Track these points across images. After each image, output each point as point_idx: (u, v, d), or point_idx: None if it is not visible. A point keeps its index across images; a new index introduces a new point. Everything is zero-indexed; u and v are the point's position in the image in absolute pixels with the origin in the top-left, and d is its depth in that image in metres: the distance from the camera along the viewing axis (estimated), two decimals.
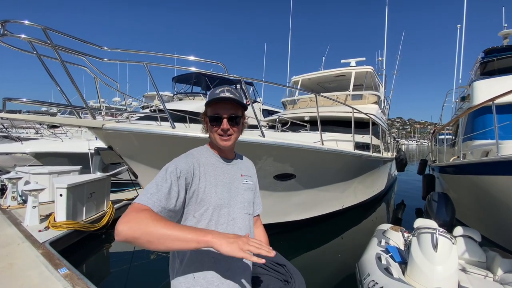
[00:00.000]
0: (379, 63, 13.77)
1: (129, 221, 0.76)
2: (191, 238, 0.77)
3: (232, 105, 1.05)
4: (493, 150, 3.72)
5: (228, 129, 1.03)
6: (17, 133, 11.33)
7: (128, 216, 0.77)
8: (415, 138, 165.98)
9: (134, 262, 4.00)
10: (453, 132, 7.68)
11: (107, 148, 3.30)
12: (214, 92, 1.05)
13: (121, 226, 0.75)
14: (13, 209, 5.05)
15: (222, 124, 1.03)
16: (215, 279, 0.95)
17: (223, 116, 1.03)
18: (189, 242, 0.77)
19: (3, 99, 2.27)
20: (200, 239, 0.78)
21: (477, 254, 2.98)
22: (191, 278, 0.95)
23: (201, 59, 3.56)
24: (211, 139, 1.10)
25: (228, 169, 1.10)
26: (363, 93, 7.90)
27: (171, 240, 0.76)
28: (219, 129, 1.04)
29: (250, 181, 1.17)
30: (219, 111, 1.03)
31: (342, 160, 4.77)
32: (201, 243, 0.78)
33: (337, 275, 3.70)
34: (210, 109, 1.05)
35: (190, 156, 1.04)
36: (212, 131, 1.05)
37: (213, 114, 1.04)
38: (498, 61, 6.80)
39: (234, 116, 1.05)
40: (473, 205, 4.57)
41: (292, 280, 1.10)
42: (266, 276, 1.10)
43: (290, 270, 1.14)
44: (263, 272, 1.11)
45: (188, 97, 10.88)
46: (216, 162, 1.08)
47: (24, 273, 2.78)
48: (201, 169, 1.01)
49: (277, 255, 1.17)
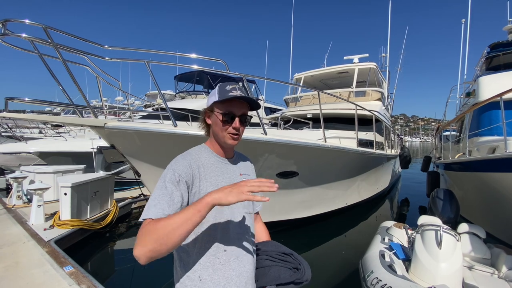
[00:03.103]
0: (382, 59, 13.65)
1: (139, 243, 0.76)
2: (192, 213, 0.77)
3: (244, 104, 1.02)
4: (501, 147, 3.66)
5: (239, 128, 1.01)
6: (21, 133, 11.44)
7: (137, 240, 0.78)
8: (419, 135, 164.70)
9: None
10: (457, 128, 7.59)
11: (109, 147, 3.32)
12: (225, 88, 1.00)
13: (136, 252, 0.76)
14: (18, 208, 5.11)
15: (234, 123, 1.00)
16: (222, 279, 0.95)
17: (236, 115, 1.00)
18: (192, 217, 0.76)
19: (5, 99, 2.28)
20: (200, 207, 0.77)
21: (482, 251, 2.95)
22: (197, 280, 0.94)
23: (202, 57, 3.55)
24: (216, 137, 1.06)
25: (228, 169, 1.08)
26: (366, 90, 7.85)
27: (177, 228, 0.75)
28: (230, 127, 1.00)
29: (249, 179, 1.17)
30: (232, 109, 0.99)
31: (345, 158, 4.74)
32: (203, 210, 0.77)
33: (341, 272, 3.69)
34: (222, 106, 1.00)
35: (188, 157, 1.00)
36: (223, 129, 1.01)
37: (227, 111, 1.00)
38: (503, 56, 6.70)
39: (244, 115, 1.03)
40: (478, 202, 4.53)
41: (301, 267, 1.11)
42: (275, 267, 1.09)
43: (297, 258, 1.14)
44: (271, 264, 1.11)
45: (190, 96, 10.89)
46: (215, 162, 1.05)
47: (30, 272, 2.81)
48: (201, 169, 0.99)
49: (282, 246, 1.17)
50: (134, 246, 0.76)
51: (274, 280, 1.06)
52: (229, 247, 0.99)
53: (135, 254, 0.75)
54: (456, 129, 7.72)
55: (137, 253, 0.75)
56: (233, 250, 0.99)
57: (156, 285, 3.33)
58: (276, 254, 1.13)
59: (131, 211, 5.90)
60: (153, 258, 0.75)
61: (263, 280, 1.07)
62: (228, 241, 0.99)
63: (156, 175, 3.38)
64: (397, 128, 57.38)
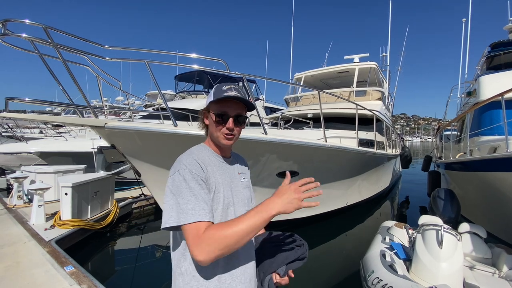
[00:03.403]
0: (383, 59, 13.62)
1: (205, 249, 0.80)
2: (260, 221, 0.84)
3: (239, 104, 1.03)
4: (502, 146, 3.65)
5: (233, 128, 1.02)
6: (22, 133, 11.46)
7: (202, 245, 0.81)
8: (419, 135, 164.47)
9: (139, 260, 4.03)
10: (458, 128, 7.58)
11: (110, 147, 3.32)
12: (220, 89, 1.01)
13: (201, 257, 0.80)
14: (19, 208, 5.12)
15: (228, 123, 1.01)
16: (227, 277, 0.95)
17: (229, 115, 1.01)
18: (260, 225, 0.84)
19: (6, 99, 2.28)
20: (266, 218, 0.84)
21: (483, 250, 2.95)
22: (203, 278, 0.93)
23: (202, 56, 3.55)
24: (211, 136, 1.07)
25: (228, 168, 1.09)
26: (367, 90, 7.83)
27: (246, 235, 0.82)
28: (224, 127, 1.01)
29: (246, 178, 1.18)
30: (226, 110, 1.01)
31: (346, 157, 4.73)
32: (268, 219, 0.85)
33: (341, 272, 3.69)
34: (216, 107, 1.02)
35: (194, 155, 1.00)
36: (216, 129, 1.03)
37: (220, 112, 1.01)
38: (504, 55, 6.69)
39: (240, 115, 1.03)
40: (479, 201, 4.52)
41: (303, 241, 1.19)
42: (282, 249, 1.14)
43: (297, 236, 1.21)
44: (277, 248, 1.15)
45: (190, 96, 10.89)
46: (216, 162, 1.06)
47: (31, 271, 2.81)
48: (208, 168, 1.00)
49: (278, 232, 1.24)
50: (195, 249, 0.80)
51: (284, 260, 1.12)
52: None
53: (199, 259, 0.80)
54: (457, 128, 7.70)
55: (202, 258, 0.80)
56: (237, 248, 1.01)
57: (156, 284, 3.33)
58: (279, 238, 1.20)
59: (132, 211, 5.90)
60: (222, 256, 0.83)
61: (274, 265, 1.12)
62: None
63: (156, 175, 3.38)
64: (398, 127, 57.43)
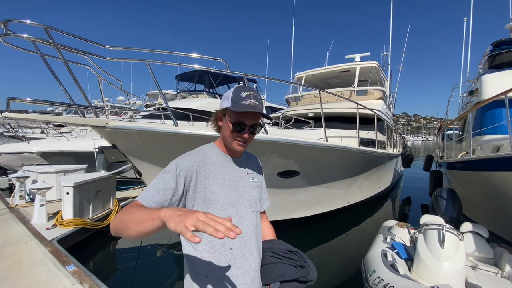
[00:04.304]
0: (384, 58, 13.61)
1: (116, 216, 0.83)
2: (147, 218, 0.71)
3: (257, 115, 1.03)
4: (505, 145, 3.64)
5: (248, 137, 1.03)
6: (23, 133, 11.50)
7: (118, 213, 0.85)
8: (421, 134, 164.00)
9: (140, 259, 4.04)
10: (460, 127, 7.55)
11: (111, 147, 3.32)
12: (239, 95, 0.98)
13: (110, 222, 0.83)
14: (21, 208, 5.14)
15: (243, 132, 1.01)
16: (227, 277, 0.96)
17: (246, 125, 1.01)
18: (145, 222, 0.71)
19: (7, 99, 2.29)
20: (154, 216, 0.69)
21: (485, 250, 2.93)
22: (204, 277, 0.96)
23: (203, 56, 3.55)
24: (224, 139, 1.07)
25: (235, 168, 1.10)
26: (368, 89, 7.81)
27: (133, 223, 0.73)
28: (239, 135, 1.02)
29: (256, 178, 1.17)
30: (244, 120, 1.00)
31: (347, 157, 4.72)
32: (156, 220, 0.69)
33: (343, 272, 3.68)
34: (233, 115, 1.00)
35: (196, 154, 1.03)
36: (231, 136, 1.03)
37: (237, 121, 1.00)
38: (506, 54, 6.65)
39: (256, 125, 1.04)
40: (481, 201, 4.50)
41: (307, 264, 1.10)
42: (280, 264, 1.10)
43: (303, 256, 1.14)
44: (276, 261, 1.11)
45: (191, 95, 10.89)
46: (223, 161, 1.07)
47: (33, 271, 2.82)
48: (207, 168, 1.01)
49: (287, 244, 1.18)
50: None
51: (279, 277, 1.06)
52: (235, 245, 1.00)
53: (110, 223, 0.83)
54: (459, 127, 7.67)
55: (110, 223, 0.82)
56: (239, 249, 1.00)
57: (158, 283, 3.33)
58: (281, 252, 1.13)
59: None
60: (118, 235, 0.79)
61: (267, 277, 1.07)
62: (234, 239, 1.00)
63: (157, 174, 3.37)
64: (399, 127, 57.24)
